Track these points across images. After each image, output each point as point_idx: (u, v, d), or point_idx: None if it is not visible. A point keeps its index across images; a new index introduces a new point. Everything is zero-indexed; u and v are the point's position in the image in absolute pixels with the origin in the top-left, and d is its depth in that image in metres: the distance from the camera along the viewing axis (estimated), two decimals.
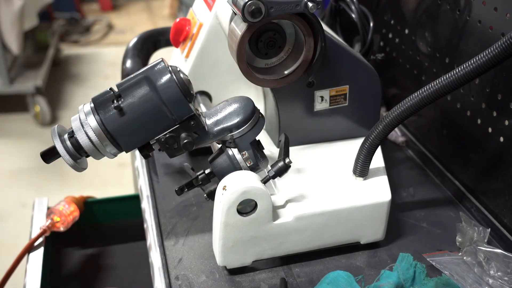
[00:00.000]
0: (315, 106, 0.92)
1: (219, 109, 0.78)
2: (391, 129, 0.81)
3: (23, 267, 0.97)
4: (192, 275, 0.82)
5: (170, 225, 0.92)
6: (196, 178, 0.81)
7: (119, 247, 1.14)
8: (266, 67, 0.84)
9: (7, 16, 2.74)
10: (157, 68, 0.72)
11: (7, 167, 2.63)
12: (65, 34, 4.10)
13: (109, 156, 0.75)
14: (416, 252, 0.85)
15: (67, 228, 1.07)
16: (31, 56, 3.24)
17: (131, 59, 1.07)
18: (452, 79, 0.75)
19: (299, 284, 0.81)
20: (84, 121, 0.72)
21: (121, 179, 2.50)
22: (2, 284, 0.94)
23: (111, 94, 0.72)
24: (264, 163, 0.80)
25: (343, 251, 0.86)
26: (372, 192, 0.84)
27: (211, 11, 0.98)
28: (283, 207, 0.81)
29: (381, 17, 1.23)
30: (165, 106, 0.72)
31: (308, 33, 0.79)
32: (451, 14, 0.99)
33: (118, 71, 1.17)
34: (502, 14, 0.86)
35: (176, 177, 1.04)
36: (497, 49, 0.71)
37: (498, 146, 0.90)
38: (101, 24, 4.37)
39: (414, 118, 1.17)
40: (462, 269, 0.81)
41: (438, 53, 1.04)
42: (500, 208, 0.91)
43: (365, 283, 0.79)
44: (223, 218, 0.75)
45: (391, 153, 1.14)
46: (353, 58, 0.90)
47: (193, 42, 1.01)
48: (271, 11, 0.74)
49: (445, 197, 1.01)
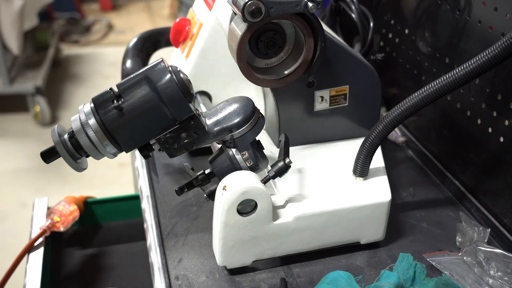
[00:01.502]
0: (315, 106, 0.92)
1: (219, 109, 0.78)
2: (391, 129, 0.81)
3: (23, 267, 0.97)
4: (192, 275, 0.82)
5: (170, 225, 0.92)
6: (196, 178, 0.81)
7: (119, 247, 1.14)
8: (266, 67, 0.84)
9: (7, 16, 2.74)
10: (157, 68, 0.72)
11: (7, 167, 2.63)
12: (65, 34, 4.10)
13: (109, 156, 0.75)
14: (416, 252, 0.85)
15: (67, 228, 1.07)
16: (31, 56, 3.24)
17: (131, 59, 1.07)
18: (452, 79, 0.75)
19: (299, 284, 0.81)
20: (84, 121, 0.72)
21: (121, 179, 2.50)
22: (2, 284, 0.94)
23: (111, 94, 0.72)
24: (264, 163, 0.80)
25: (343, 251, 0.86)
26: (372, 192, 0.84)
27: (211, 11, 0.98)
28: (283, 207, 0.81)
29: (381, 17, 1.23)
30: (165, 106, 0.72)
31: (308, 33, 0.79)
32: (451, 14, 0.99)
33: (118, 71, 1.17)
34: (502, 14, 0.86)
35: (176, 177, 1.04)
36: (497, 49, 0.71)
37: (498, 146, 0.91)
38: (101, 24, 4.37)
39: (414, 118, 1.17)
40: (462, 269, 0.81)
41: (438, 53, 1.04)
42: (500, 208, 0.91)
43: (365, 283, 0.79)
44: (223, 218, 0.75)
45: (391, 153, 1.14)
46: (353, 58, 0.90)
47: (193, 42, 1.01)
48: (271, 11, 0.74)
49: (445, 197, 1.01)
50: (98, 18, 4.48)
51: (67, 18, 4.25)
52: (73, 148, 0.73)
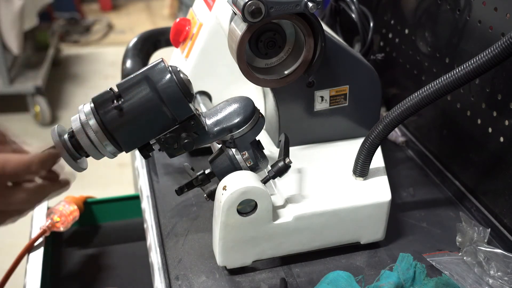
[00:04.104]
0: (315, 106, 0.92)
1: (219, 109, 0.78)
2: (391, 129, 0.81)
3: (23, 267, 0.97)
4: (192, 275, 0.82)
5: (170, 225, 0.92)
6: (196, 178, 0.81)
7: (119, 247, 1.14)
8: (266, 67, 0.83)
9: (7, 16, 2.74)
10: (157, 68, 0.72)
11: None
12: (65, 34, 4.10)
13: (109, 156, 0.75)
14: (416, 252, 0.85)
15: (67, 228, 1.07)
16: (31, 56, 3.24)
17: (131, 59, 1.06)
18: (452, 79, 0.75)
19: (299, 284, 0.81)
20: (84, 121, 0.72)
21: (121, 179, 2.50)
22: (2, 284, 0.94)
23: (111, 94, 0.72)
24: (264, 163, 0.80)
25: (343, 251, 0.86)
26: (372, 192, 0.84)
27: (211, 11, 0.98)
28: (283, 207, 0.81)
29: (381, 17, 1.23)
30: (165, 106, 0.72)
31: (308, 33, 0.79)
32: (451, 14, 0.99)
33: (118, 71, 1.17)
34: (502, 14, 0.86)
35: (176, 177, 1.04)
36: (497, 49, 0.71)
37: (498, 146, 0.91)
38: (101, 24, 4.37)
39: (414, 118, 1.17)
40: (462, 269, 0.81)
41: (438, 53, 1.04)
42: (500, 208, 0.91)
43: (365, 283, 0.79)
44: (223, 218, 0.75)
45: (391, 153, 1.14)
46: (353, 58, 0.90)
47: (193, 42, 1.01)
48: (271, 11, 0.74)
49: (445, 197, 1.01)
50: (98, 18, 4.48)
51: (67, 18, 4.25)
52: (73, 148, 0.73)
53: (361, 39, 1.09)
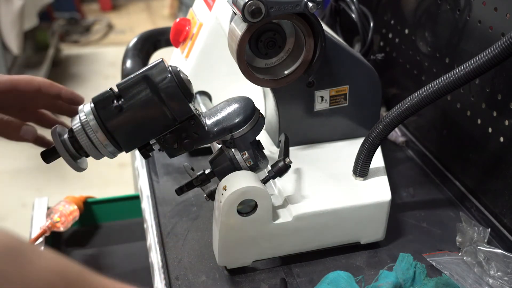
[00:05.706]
0: (315, 106, 0.92)
1: (219, 109, 0.78)
2: (391, 129, 0.81)
3: None
4: (192, 275, 0.82)
5: (170, 225, 0.92)
6: (196, 178, 0.81)
7: (119, 247, 1.14)
8: (266, 67, 0.83)
9: (7, 16, 2.74)
10: (157, 68, 0.72)
11: (7, 167, 2.63)
12: (65, 34, 4.11)
13: (109, 156, 0.75)
14: (416, 252, 0.85)
15: (67, 228, 1.07)
16: (31, 56, 3.24)
17: (131, 59, 1.07)
18: (452, 79, 0.75)
19: (299, 284, 0.81)
20: (84, 121, 0.72)
21: (121, 179, 2.50)
22: None
23: (111, 94, 0.72)
24: (264, 163, 0.80)
25: (343, 251, 0.86)
26: (372, 192, 0.84)
27: (211, 11, 0.98)
28: (283, 207, 0.81)
29: (381, 17, 1.23)
30: (165, 106, 0.72)
31: (308, 33, 0.79)
32: (451, 14, 0.99)
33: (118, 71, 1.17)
34: (502, 14, 0.86)
35: (176, 177, 1.04)
36: (497, 49, 0.71)
37: (498, 146, 0.90)
38: (101, 24, 4.37)
39: (414, 118, 1.17)
40: (462, 269, 0.81)
41: (438, 53, 1.04)
42: (500, 208, 0.91)
43: (365, 283, 0.79)
44: (223, 218, 0.75)
45: (391, 153, 1.13)
46: (353, 58, 0.90)
47: (193, 42, 1.01)
48: (271, 11, 0.74)
49: (445, 197, 1.01)
50: (98, 18, 4.48)
51: (67, 18, 4.25)
52: (73, 148, 0.73)
53: (361, 39, 1.09)
